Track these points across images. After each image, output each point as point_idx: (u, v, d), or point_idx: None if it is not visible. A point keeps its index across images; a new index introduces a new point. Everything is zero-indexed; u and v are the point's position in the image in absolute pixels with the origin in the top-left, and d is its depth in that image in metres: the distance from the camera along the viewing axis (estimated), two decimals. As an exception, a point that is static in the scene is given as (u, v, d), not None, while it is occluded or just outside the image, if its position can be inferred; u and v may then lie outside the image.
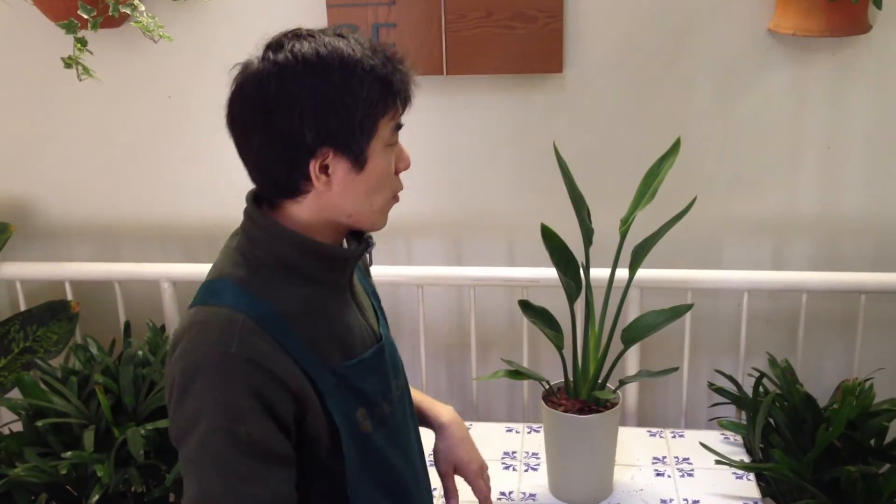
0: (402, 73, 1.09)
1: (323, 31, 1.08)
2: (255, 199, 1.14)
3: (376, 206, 1.13)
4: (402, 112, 1.11)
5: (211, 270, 1.13)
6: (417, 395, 1.40)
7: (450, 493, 1.37)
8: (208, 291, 1.10)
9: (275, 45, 1.07)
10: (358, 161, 1.08)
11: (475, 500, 1.41)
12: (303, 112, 1.04)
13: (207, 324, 1.05)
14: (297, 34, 1.08)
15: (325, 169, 1.07)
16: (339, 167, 1.07)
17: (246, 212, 1.14)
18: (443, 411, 1.40)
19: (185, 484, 1.05)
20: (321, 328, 1.12)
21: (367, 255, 1.30)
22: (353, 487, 1.13)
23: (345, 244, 1.20)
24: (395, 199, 1.16)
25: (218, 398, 1.02)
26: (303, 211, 1.11)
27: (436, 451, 1.38)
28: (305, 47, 1.05)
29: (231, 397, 1.02)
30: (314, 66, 1.04)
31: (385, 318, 1.31)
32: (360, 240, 1.21)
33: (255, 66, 1.07)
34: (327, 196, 1.09)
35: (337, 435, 1.11)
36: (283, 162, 1.07)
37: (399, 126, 1.12)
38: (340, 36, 1.08)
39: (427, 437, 1.37)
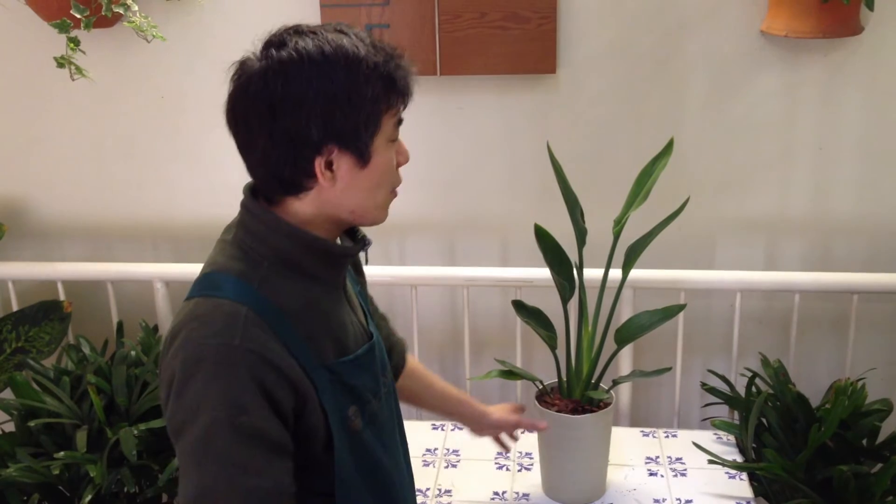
0: (404, 70, 1.10)
1: (323, 28, 1.08)
2: (252, 191, 1.14)
3: (378, 201, 1.13)
4: (404, 107, 1.12)
5: (207, 263, 1.12)
6: (456, 392, 1.59)
7: (534, 424, 1.63)
8: (207, 284, 1.09)
9: (276, 43, 1.06)
10: (363, 157, 1.08)
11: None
12: (309, 110, 1.04)
13: (209, 315, 1.04)
14: (298, 30, 1.07)
15: (329, 165, 1.07)
16: (344, 163, 1.07)
17: (243, 204, 1.14)
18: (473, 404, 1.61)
19: (183, 477, 1.03)
20: (318, 324, 1.12)
21: (364, 255, 1.30)
22: (341, 483, 1.14)
23: (339, 242, 1.20)
24: (394, 194, 1.16)
25: (220, 390, 1.01)
26: (304, 207, 1.10)
27: (491, 415, 1.60)
28: (309, 44, 1.05)
29: (234, 389, 1.01)
30: (319, 64, 1.04)
31: (373, 320, 1.31)
32: (355, 238, 1.21)
33: (257, 65, 1.06)
34: (331, 192, 1.09)
35: (331, 430, 1.11)
36: (288, 160, 1.07)
37: (400, 121, 1.12)
38: (342, 32, 1.07)
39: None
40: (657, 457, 1.90)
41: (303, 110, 1.04)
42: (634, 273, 1.74)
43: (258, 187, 1.14)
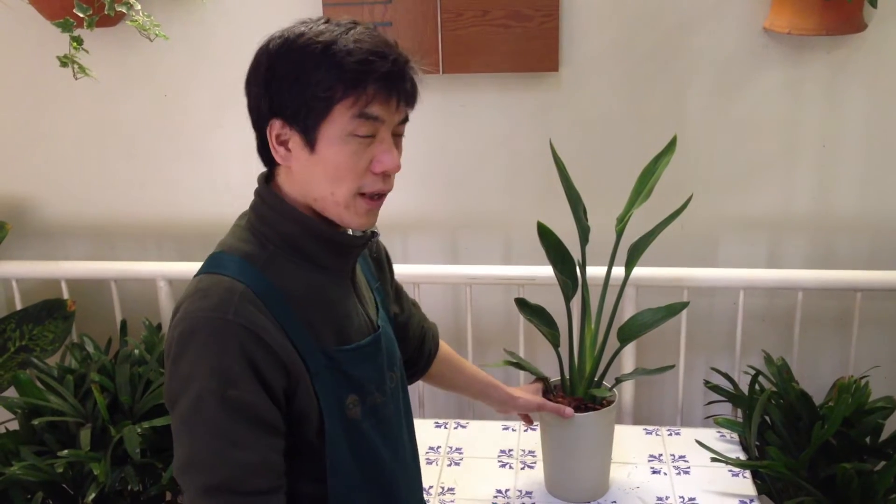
0: (378, 66, 1.07)
1: (330, 20, 1.11)
2: (266, 179, 1.18)
3: (338, 197, 1.11)
4: (370, 103, 1.08)
5: (218, 245, 1.16)
6: (484, 376, 1.62)
7: (557, 408, 1.63)
8: (213, 262, 1.13)
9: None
10: (308, 139, 1.09)
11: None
12: (262, 83, 1.11)
13: (208, 290, 1.08)
14: (306, 20, 1.12)
15: (285, 143, 1.11)
16: (294, 142, 1.10)
17: (256, 191, 1.18)
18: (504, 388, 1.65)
19: (175, 446, 1.07)
20: (319, 311, 1.14)
21: (383, 251, 1.35)
22: (333, 469, 1.15)
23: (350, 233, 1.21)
24: (373, 199, 1.13)
25: (212, 361, 1.05)
26: (285, 185, 1.15)
27: (518, 404, 1.63)
28: (295, 30, 1.10)
29: (224, 361, 1.05)
30: (285, 46, 1.09)
31: (388, 316, 1.33)
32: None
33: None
34: (293, 172, 1.12)
35: (323, 415, 1.13)
36: (254, 129, 1.15)
37: (367, 117, 1.08)
38: (339, 24, 1.10)
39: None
40: (660, 455, 1.90)
41: (258, 84, 1.11)
42: (637, 271, 1.73)
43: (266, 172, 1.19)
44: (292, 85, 1.08)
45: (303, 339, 1.11)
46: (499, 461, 1.90)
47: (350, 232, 1.20)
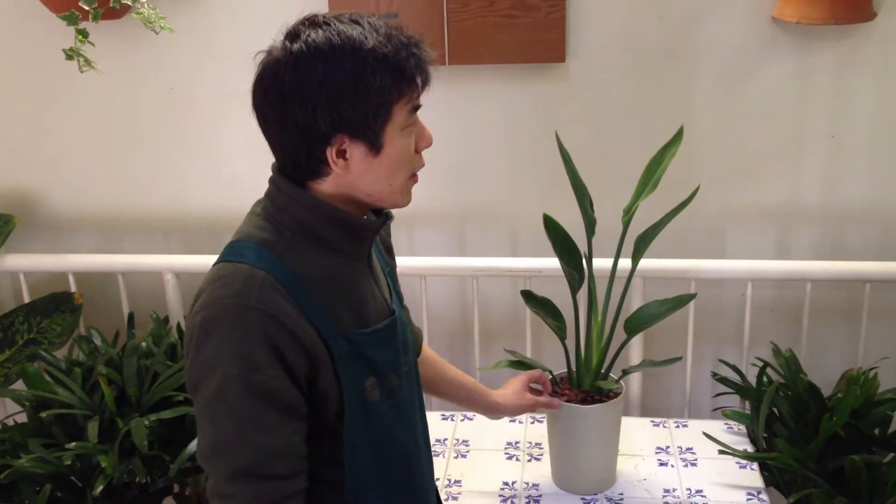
0: (417, 58, 1.10)
1: (338, 18, 1.10)
2: (280, 169, 1.17)
3: (396, 186, 1.15)
4: (419, 95, 1.13)
5: (235, 233, 1.17)
6: (470, 382, 1.60)
7: (548, 402, 1.66)
8: (232, 250, 1.14)
9: (292, 34, 1.10)
10: (374, 146, 1.10)
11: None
12: (317, 102, 1.07)
13: (229, 278, 1.09)
14: (313, 21, 1.10)
15: (342, 154, 1.10)
16: (356, 152, 1.10)
17: (271, 179, 1.17)
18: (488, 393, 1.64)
19: (199, 431, 1.09)
20: (338, 294, 1.15)
21: (389, 234, 1.36)
22: (351, 450, 1.17)
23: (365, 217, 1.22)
24: (414, 178, 1.18)
25: (235, 348, 1.06)
26: (324, 188, 1.14)
27: (504, 406, 1.62)
28: (319, 36, 1.07)
29: (248, 347, 1.06)
30: (326, 56, 1.06)
31: (400, 299, 1.34)
32: (378, 214, 1.24)
33: (273, 56, 1.09)
34: (347, 177, 1.12)
35: (343, 398, 1.14)
36: (301, 148, 1.11)
37: (417, 107, 1.14)
38: (355, 22, 1.09)
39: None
40: (667, 447, 1.90)
41: (311, 102, 1.07)
42: (644, 262, 1.73)
43: (283, 170, 1.18)
44: (353, 96, 1.07)
45: (324, 323, 1.12)
46: (505, 453, 1.90)
47: (365, 215, 1.21)
